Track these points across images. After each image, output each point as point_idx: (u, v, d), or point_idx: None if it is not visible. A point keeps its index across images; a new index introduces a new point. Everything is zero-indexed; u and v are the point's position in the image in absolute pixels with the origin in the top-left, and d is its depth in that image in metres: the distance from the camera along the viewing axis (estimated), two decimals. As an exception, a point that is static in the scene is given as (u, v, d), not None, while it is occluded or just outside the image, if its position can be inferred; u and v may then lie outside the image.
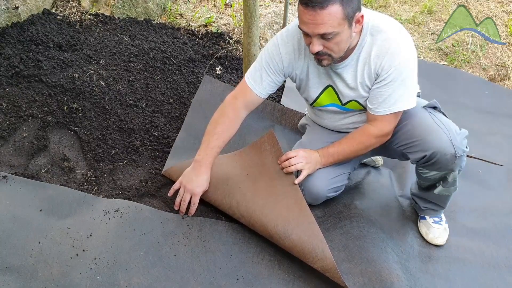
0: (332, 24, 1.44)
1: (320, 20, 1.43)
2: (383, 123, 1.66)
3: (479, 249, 1.86)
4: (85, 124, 2.08)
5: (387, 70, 1.57)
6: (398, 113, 1.65)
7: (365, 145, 1.73)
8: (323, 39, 1.49)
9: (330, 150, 1.77)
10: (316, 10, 1.42)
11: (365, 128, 1.72)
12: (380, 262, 1.64)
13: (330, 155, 1.77)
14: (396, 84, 1.58)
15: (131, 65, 2.44)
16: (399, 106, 1.62)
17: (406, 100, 1.61)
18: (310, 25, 1.46)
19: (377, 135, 1.69)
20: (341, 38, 1.50)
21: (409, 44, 1.58)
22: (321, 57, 1.55)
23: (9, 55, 2.28)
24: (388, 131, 1.69)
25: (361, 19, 1.51)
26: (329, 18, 1.43)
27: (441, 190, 1.75)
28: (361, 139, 1.72)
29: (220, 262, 1.62)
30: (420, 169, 1.74)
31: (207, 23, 3.08)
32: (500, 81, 3.24)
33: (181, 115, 2.27)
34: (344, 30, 1.48)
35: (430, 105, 1.71)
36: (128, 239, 1.63)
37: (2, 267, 1.48)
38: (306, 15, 1.45)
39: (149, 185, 1.90)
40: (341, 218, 1.81)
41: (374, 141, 1.71)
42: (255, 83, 1.73)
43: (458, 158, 1.63)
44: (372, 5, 3.89)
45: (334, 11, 1.42)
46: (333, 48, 1.51)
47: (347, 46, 1.55)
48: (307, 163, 1.75)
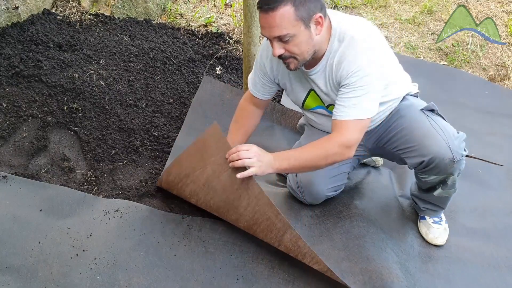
0: (285, 26, 1.45)
1: (273, 22, 1.45)
2: (345, 131, 1.56)
3: (479, 249, 1.86)
4: (85, 124, 2.08)
5: (345, 77, 1.54)
6: (360, 122, 1.56)
7: (326, 152, 1.57)
8: (282, 42, 1.50)
9: (285, 154, 1.62)
10: (268, 13, 1.44)
11: (330, 135, 1.62)
12: (380, 261, 1.64)
13: (284, 158, 1.59)
14: (355, 91, 1.53)
15: (131, 65, 2.44)
16: (356, 114, 1.54)
17: (364, 108, 1.54)
18: (266, 28, 1.49)
19: (340, 142, 1.56)
20: (300, 40, 1.49)
21: (372, 50, 1.53)
22: (286, 60, 1.56)
23: (9, 55, 2.28)
24: (350, 139, 1.57)
25: (320, 20, 1.50)
26: (281, 20, 1.44)
27: (441, 192, 1.74)
28: (323, 144, 1.59)
29: (221, 262, 1.62)
30: (419, 174, 1.74)
31: (207, 23, 3.08)
32: (500, 81, 3.24)
33: (181, 115, 2.27)
34: (301, 32, 1.48)
35: (427, 108, 1.70)
36: (128, 239, 1.63)
37: (2, 267, 1.48)
38: (262, 19, 1.48)
39: (149, 185, 1.90)
40: (341, 218, 1.81)
41: (337, 150, 1.57)
42: (254, 87, 1.82)
43: (457, 162, 1.62)
44: (372, 5, 3.89)
45: (285, 13, 1.43)
46: (294, 50, 1.51)
47: (310, 48, 1.54)
48: (258, 161, 1.55)
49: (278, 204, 1.88)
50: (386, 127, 1.75)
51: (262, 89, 1.81)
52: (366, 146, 1.84)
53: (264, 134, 2.26)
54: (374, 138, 1.80)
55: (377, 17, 3.75)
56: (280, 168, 1.59)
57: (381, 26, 3.65)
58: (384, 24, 3.67)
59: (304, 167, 1.62)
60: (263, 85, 1.80)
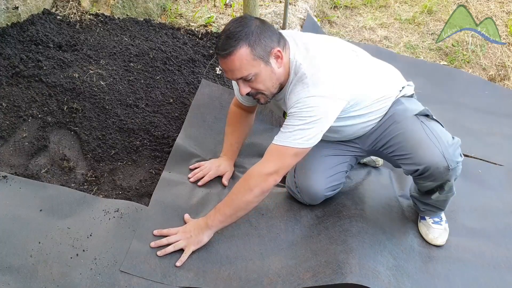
0: (245, 67, 1.48)
1: (232, 66, 1.49)
2: (268, 157, 1.55)
3: (479, 249, 1.86)
4: (85, 124, 2.08)
5: (289, 107, 1.56)
6: (286, 149, 1.52)
7: (249, 185, 1.55)
8: (246, 81, 1.53)
9: (215, 208, 1.62)
10: (227, 58, 1.48)
11: (253, 166, 1.59)
12: (377, 261, 1.64)
13: (216, 212, 1.61)
14: (293, 120, 1.52)
15: (131, 65, 2.44)
16: (284, 141, 1.52)
17: (296, 138, 1.51)
18: (228, 72, 1.53)
19: (258, 172, 1.54)
20: (263, 77, 1.52)
21: (321, 88, 1.51)
22: (255, 97, 1.60)
23: (9, 55, 2.28)
24: (269, 168, 1.53)
25: (279, 53, 1.53)
26: (240, 62, 1.47)
27: (438, 196, 1.74)
28: (245, 180, 1.57)
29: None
30: (416, 179, 1.73)
31: (207, 23, 3.08)
32: (500, 81, 3.24)
33: (181, 115, 2.27)
34: (262, 69, 1.51)
35: (422, 113, 1.68)
36: (128, 239, 1.63)
37: (2, 267, 1.48)
38: (222, 65, 1.53)
39: (149, 185, 1.90)
40: (341, 218, 1.81)
41: (256, 181, 1.54)
42: (238, 94, 1.88)
43: (452, 170, 1.61)
44: (372, 5, 3.89)
45: (243, 55, 1.47)
46: (259, 87, 1.55)
47: (275, 82, 1.56)
48: (186, 238, 1.60)
49: (278, 205, 1.89)
50: (381, 132, 1.74)
51: (246, 97, 1.83)
52: (362, 148, 1.84)
53: (263, 136, 2.26)
54: (370, 142, 1.79)
55: (377, 17, 3.75)
56: (214, 223, 1.60)
57: (381, 26, 3.65)
58: (384, 24, 3.67)
59: (237, 209, 1.59)
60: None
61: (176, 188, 1.87)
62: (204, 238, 1.61)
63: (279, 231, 1.77)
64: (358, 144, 1.84)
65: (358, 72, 1.64)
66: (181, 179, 1.93)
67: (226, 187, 1.92)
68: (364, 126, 1.74)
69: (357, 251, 1.64)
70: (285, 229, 1.78)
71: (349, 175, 2.03)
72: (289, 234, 1.77)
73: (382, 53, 3.12)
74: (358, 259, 1.61)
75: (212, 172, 1.94)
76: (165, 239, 1.62)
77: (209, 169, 1.94)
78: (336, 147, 1.85)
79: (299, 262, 1.64)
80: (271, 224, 1.79)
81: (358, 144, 1.84)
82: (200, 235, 1.61)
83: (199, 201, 1.83)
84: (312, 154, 1.68)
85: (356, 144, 1.84)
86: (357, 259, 1.61)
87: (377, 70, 1.76)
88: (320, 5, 3.71)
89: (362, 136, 1.80)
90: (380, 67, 1.79)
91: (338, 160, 1.84)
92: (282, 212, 1.85)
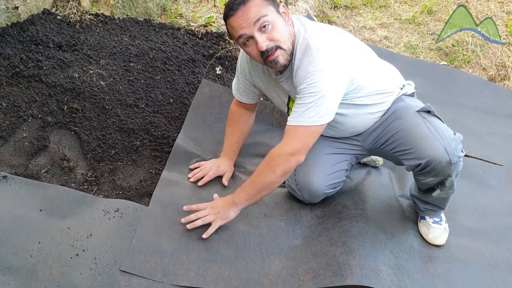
0: (261, 10, 1.50)
1: (249, 12, 1.49)
2: (290, 138, 1.58)
3: (479, 249, 1.86)
4: (85, 124, 2.08)
5: (298, 83, 1.56)
6: (307, 128, 1.55)
7: (271, 165, 1.59)
8: (263, 33, 1.52)
9: (241, 187, 1.67)
10: (241, 8, 1.49)
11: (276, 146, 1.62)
12: (378, 260, 1.64)
13: (241, 190, 1.66)
14: (305, 98, 1.54)
15: (131, 65, 2.44)
16: (304, 121, 1.54)
17: (313, 115, 1.53)
18: (243, 24, 1.51)
19: (281, 152, 1.58)
20: (279, 25, 1.53)
21: (325, 58, 1.53)
22: (273, 54, 1.54)
23: (9, 55, 2.28)
24: (293, 147, 1.56)
25: (285, 10, 1.57)
26: (255, 7, 1.49)
27: (439, 193, 1.74)
28: (267, 160, 1.61)
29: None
30: (417, 175, 1.73)
31: (207, 23, 3.08)
32: (500, 81, 3.24)
33: (181, 115, 2.27)
34: (276, 17, 1.53)
35: (424, 109, 1.69)
36: (128, 239, 1.63)
37: (2, 267, 1.48)
38: (237, 19, 1.51)
39: (149, 185, 1.90)
40: (341, 218, 1.81)
41: (280, 160, 1.58)
42: (238, 92, 1.91)
43: (454, 164, 1.62)
44: (372, 5, 3.89)
45: (257, 1, 1.50)
46: (277, 36, 1.53)
47: (290, 37, 1.56)
48: (214, 213, 1.66)
49: (278, 204, 1.89)
50: (382, 129, 1.75)
51: (245, 94, 1.88)
52: (363, 146, 1.85)
53: (264, 135, 2.26)
54: (371, 139, 1.80)
55: (377, 17, 3.75)
56: (240, 201, 1.66)
57: (381, 26, 3.65)
58: (384, 24, 3.67)
59: (260, 190, 1.64)
60: (246, 89, 1.87)
61: (176, 188, 1.87)
62: (231, 214, 1.67)
63: (279, 231, 1.77)
64: (359, 141, 1.84)
65: (360, 55, 1.68)
66: (181, 179, 1.93)
67: (226, 188, 1.92)
68: (365, 119, 1.74)
69: (358, 252, 1.64)
70: (285, 229, 1.78)
71: (349, 175, 2.03)
72: (289, 234, 1.77)
73: (382, 53, 3.10)
74: (358, 259, 1.61)
75: (212, 172, 1.94)
76: (194, 214, 1.68)
77: (209, 169, 1.95)
78: (337, 145, 1.85)
79: (300, 263, 1.64)
80: (271, 223, 1.79)
81: (359, 142, 1.84)
82: (228, 211, 1.67)
83: (199, 201, 1.83)
84: (313, 152, 1.68)
85: (357, 141, 1.84)
86: (357, 260, 1.61)
87: (380, 63, 1.79)
88: (320, 5, 3.71)
89: (363, 133, 1.80)
90: (382, 62, 1.82)
91: (338, 158, 1.84)
92: (282, 212, 1.85)
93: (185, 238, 1.67)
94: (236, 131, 1.99)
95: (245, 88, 1.87)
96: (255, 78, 1.81)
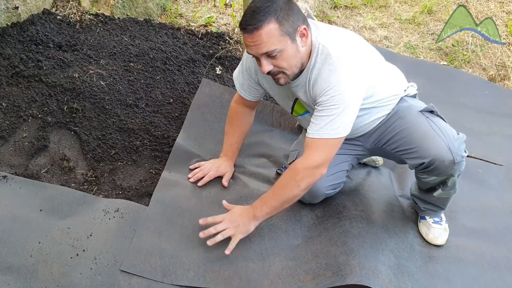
0: (272, 42, 1.46)
1: (259, 41, 1.46)
2: (314, 151, 1.57)
3: (479, 249, 1.86)
4: (85, 124, 2.08)
5: (319, 95, 1.55)
6: (329, 141, 1.55)
7: (295, 179, 1.59)
8: (270, 58, 1.50)
9: (261, 199, 1.65)
10: (254, 32, 1.45)
11: (298, 159, 1.63)
12: (378, 260, 1.64)
13: (262, 204, 1.64)
14: (327, 110, 1.53)
15: (131, 65, 2.44)
16: (326, 134, 1.54)
17: (335, 127, 1.53)
18: (252, 47, 1.49)
19: (305, 166, 1.57)
20: (288, 54, 1.50)
21: (346, 68, 1.52)
22: (276, 76, 1.56)
23: (9, 55, 2.28)
24: (317, 160, 1.56)
25: (305, 32, 1.51)
26: (267, 37, 1.45)
27: (441, 193, 1.74)
28: (291, 173, 1.61)
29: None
30: (419, 174, 1.74)
31: (207, 23, 3.08)
32: (500, 81, 3.24)
33: (181, 115, 2.27)
34: (288, 46, 1.49)
35: (427, 109, 1.69)
36: (128, 239, 1.63)
37: (2, 267, 1.48)
38: (247, 39, 1.49)
39: (149, 185, 1.90)
40: (341, 218, 1.81)
41: (304, 174, 1.57)
42: (241, 88, 1.87)
43: (457, 164, 1.62)
44: (372, 5, 3.89)
45: (270, 30, 1.45)
46: (283, 65, 1.52)
47: (298, 61, 1.54)
48: (234, 227, 1.62)
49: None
50: (385, 128, 1.75)
51: (249, 91, 1.86)
52: (364, 146, 1.84)
53: (264, 135, 2.26)
54: (373, 139, 1.80)
55: (377, 17, 3.75)
56: (261, 215, 1.63)
57: (381, 26, 3.65)
58: (384, 24, 3.67)
59: (284, 202, 1.63)
60: (250, 86, 1.84)
61: (176, 188, 1.87)
62: (251, 228, 1.65)
63: (279, 231, 1.77)
64: (360, 142, 1.84)
65: (374, 62, 1.68)
66: (181, 179, 1.93)
67: (226, 188, 1.92)
68: (370, 121, 1.74)
69: (358, 252, 1.64)
70: (285, 229, 1.78)
71: (349, 175, 2.02)
72: (289, 234, 1.77)
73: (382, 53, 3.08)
74: (358, 259, 1.61)
75: (212, 173, 1.94)
76: (213, 228, 1.62)
77: (209, 170, 1.94)
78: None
79: (300, 264, 1.64)
80: (271, 223, 1.79)
81: (361, 142, 1.84)
82: (248, 225, 1.64)
83: (199, 201, 1.83)
84: None
85: (359, 142, 1.84)
86: (357, 260, 1.61)
87: (388, 67, 1.79)
88: (320, 5, 3.71)
89: (365, 133, 1.80)
90: (389, 66, 1.82)
91: (339, 159, 1.84)
92: (283, 212, 1.85)
93: (185, 238, 1.67)
94: (237, 131, 1.98)
95: (249, 86, 1.85)
96: (260, 78, 1.80)
